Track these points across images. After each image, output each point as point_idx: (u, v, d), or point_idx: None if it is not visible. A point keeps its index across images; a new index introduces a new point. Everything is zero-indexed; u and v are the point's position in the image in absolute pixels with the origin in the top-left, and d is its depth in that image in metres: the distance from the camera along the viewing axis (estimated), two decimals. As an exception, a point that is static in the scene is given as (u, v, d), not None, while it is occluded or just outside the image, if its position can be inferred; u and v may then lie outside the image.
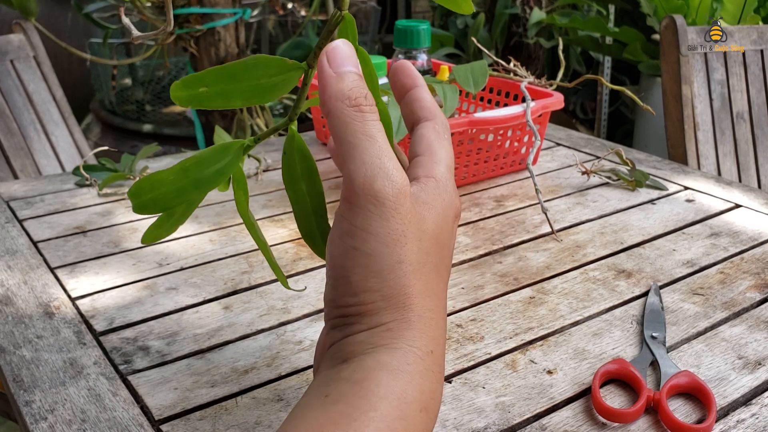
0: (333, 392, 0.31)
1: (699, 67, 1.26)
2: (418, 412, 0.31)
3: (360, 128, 0.33)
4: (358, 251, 0.32)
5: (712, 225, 0.69)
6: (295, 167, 0.39)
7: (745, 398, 0.45)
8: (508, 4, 2.72)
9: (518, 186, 0.80)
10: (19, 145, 1.21)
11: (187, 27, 1.74)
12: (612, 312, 0.55)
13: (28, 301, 0.56)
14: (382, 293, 0.32)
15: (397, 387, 0.31)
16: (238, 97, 0.37)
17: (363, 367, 0.32)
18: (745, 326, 0.52)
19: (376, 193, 0.32)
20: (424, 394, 0.32)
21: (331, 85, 0.33)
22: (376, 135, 0.33)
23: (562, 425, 0.43)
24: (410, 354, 0.32)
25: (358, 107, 0.33)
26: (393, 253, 0.32)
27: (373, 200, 0.32)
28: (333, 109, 0.33)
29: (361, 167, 0.32)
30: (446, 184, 0.36)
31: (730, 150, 1.29)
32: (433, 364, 0.33)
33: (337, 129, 0.33)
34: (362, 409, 0.30)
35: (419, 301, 0.33)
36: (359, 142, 0.33)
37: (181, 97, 0.36)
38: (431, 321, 0.34)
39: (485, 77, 0.74)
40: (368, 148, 0.32)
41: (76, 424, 0.42)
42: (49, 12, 2.74)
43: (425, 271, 0.34)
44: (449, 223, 0.36)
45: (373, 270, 0.32)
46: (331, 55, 0.34)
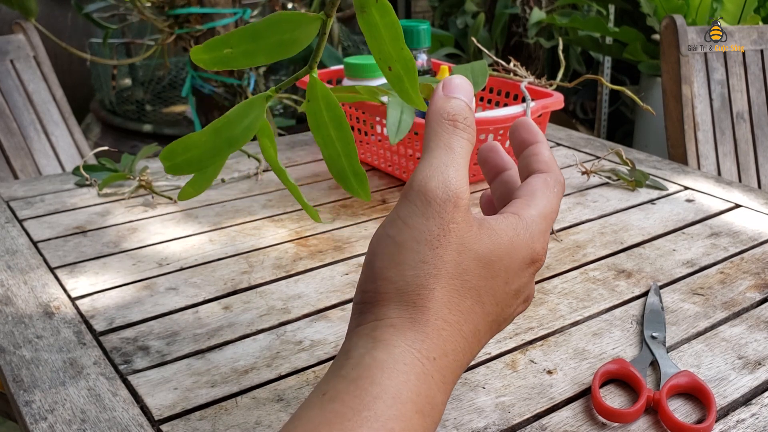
0: (330, 390, 0.31)
1: (699, 67, 1.26)
2: (413, 413, 0.31)
3: (445, 138, 0.35)
4: (391, 239, 0.33)
5: (712, 225, 0.69)
6: (322, 113, 0.40)
7: (745, 398, 0.45)
8: (508, 4, 2.72)
9: (518, 186, 0.79)
10: (19, 145, 1.21)
11: (187, 27, 1.74)
12: (612, 312, 0.55)
13: (28, 301, 0.56)
14: (398, 286, 0.33)
15: (392, 386, 0.31)
16: (262, 54, 0.38)
17: (360, 364, 0.32)
18: (745, 326, 0.52)
19: (426, 192, 0.33)
20: (420, 397, 0.31)
21: (437, 104, 0.36)
22: (455, 147, 0.34)
23: (562, 425, 0.43)
24: (408, 354, 0.32)
25: (453, 122, 0.35)
26: (421, 250, 0.33)
27: (422, 197, 0.33)
28: (430, 121, 0.35)
29: (426, 168, 0.34)
30: (531, 226, 0.36)
31: (730, 150, 1.29)
32: (434, 371, 0.33)
33: (428, 135, 0.35)
34: (356, 409, 0.30)
35: (435, 308, 0.33)
36: (437, 148, 0.34)
37: (204, 60, 0.38)
38: (443, 332, 0.33)
39: (485, 77, 0.74)
40: (441, 155, 0.34)
41: (75, 424, 0.42)
42: (49, 12, 2.74)
43: (455, 285, 0.33)
44: (516, 261, 0.35)
45: (396, 260, 0.33)
46: (446, 84, 0.36)
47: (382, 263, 0.33)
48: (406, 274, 0.33)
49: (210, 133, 0.39)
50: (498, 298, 0.35)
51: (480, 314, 0.35)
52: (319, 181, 0.81)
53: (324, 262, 0.62)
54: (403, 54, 0.38)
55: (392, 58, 0.38)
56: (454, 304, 0.33)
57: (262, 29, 0.37)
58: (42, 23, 1.40)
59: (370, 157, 0.84)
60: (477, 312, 0.34)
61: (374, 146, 0.83)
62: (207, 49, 0.37)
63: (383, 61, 0.38)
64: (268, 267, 0.62)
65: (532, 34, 2.64)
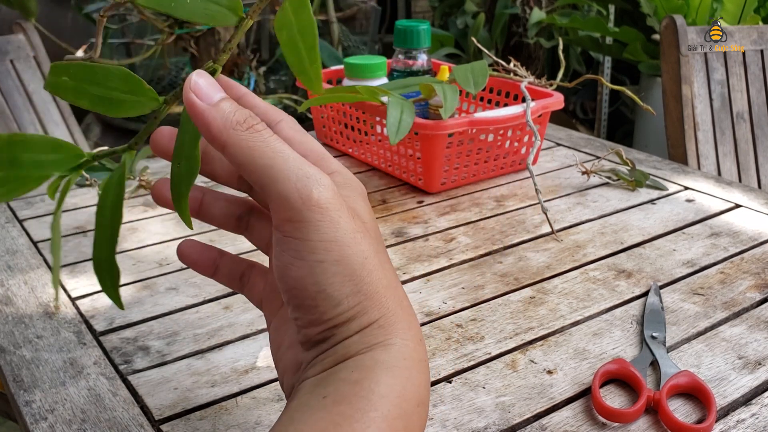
0: (332, 393, 0.31)
1: (699, 67, 1.26)
2: (415, 407, 0.31)
3: (267, 147, 0.31)
4: (326, 263, 0.31)
5: (712, 225, 0.69)
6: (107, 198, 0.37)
7: (745, 398, 0.45)
8: (508, 4, 2.72)
9: (518, 186, 0.80)
10: (19, 145, 1.21)
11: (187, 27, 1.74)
12: (612, 312, 0.55)
13: (28, 301, 0.56)
14: (363, 292, 0.32)
15: (397, 385, 0.31)
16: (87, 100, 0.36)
17: (361, 366, 0.31)
18: (745, 326, 0.52)
19: (317, 202, 0.31)
20: (420, 388, 0.32)
21: (215, 118, 0.31)
22: (283, 148, 0.32)
23: (562, 425, 0.43)
24: (404, 348, 0.32)
25: (251, 128, 0.32)
26: (357, 252, 0.32)
27: (318, 209, 0.31)
28: (229, 139, 0.31)
29: (289, 183, 0.31)
30: (344, 171, 0.36)
31: (730, 150, 1.29)
32: (423, 353, 0.34)
33: (242, 157, 0.31)
34: (363, 410, 0.30)
35: (393, 290, 0.33)
36: (273, 161, 0.31)
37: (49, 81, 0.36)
38: (408, 308, 0.34)
39: (485, 77, 0.74)
40: (285, 163, 0.31)
41: (76, 424, 0.42)
42: (49, 12, 2.74)
43: (382, 259, 0.34)
44: (366, 201, 0.36)
45: (346, 275, 0.31)
46: (197, 89, 0.32)
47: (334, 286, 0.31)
48: (362, 277, 0.32)
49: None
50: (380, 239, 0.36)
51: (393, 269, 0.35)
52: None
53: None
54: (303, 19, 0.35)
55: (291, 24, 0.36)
56: (391, 278, 0.34)
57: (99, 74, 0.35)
58: (42, 23, 1.40)
59: (370, 157, 0.84)
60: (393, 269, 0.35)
61: (374, 146, 0.83)
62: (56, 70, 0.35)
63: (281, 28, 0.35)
64: (268, 267, 0.62)
65: (532, 34, 2.64)
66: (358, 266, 0.32)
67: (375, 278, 0.32)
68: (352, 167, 0.85)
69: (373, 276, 0.32)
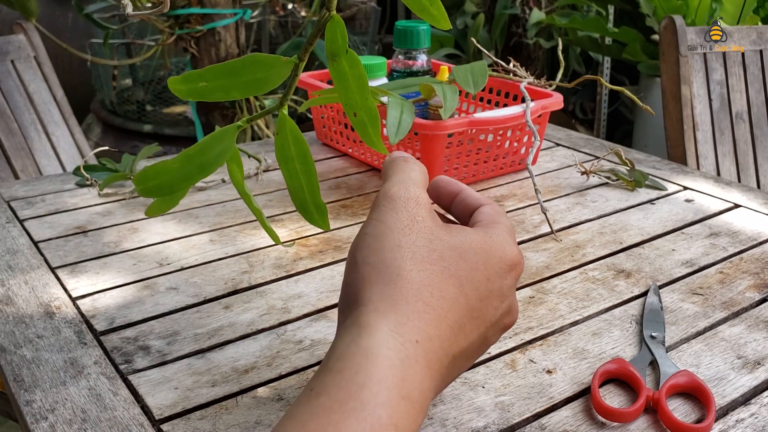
0: (317, 385, 0.31)
1: (698, 68, 1.26)
2: (400, 399, 0.31)
3: (399, 167, 0.41)
4: (368, 235, 0.37)
5: (712, 225, 0.70)
6: (289, 147, 0.43)
7: (744, 398, 0.45)
8: (507, 4, 2.72)
9: (518, 186, 0.80)
10: (19, 145, 1.21)
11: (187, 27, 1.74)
12: (611, 312, 0.55)
13: (28, 301, 0.56)
14: (378, 268, 0.35)
15: (377, 372, 0.31)
16: (236, 90, 0.42)
17: (345, 354, 0.32)
18: (744, 326, 0.53)
19: (391, 195, 0.38)
20: (405, 382, 0.32)
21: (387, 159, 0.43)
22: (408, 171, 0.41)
23: (561, 425, 0.43)
24: (391, 338, 0.32)
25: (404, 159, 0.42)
26: (395, 237, 0.36)
27: (388, 198, 0.38)
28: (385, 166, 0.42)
29: (389, 183, 0.40)
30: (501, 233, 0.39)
31: (729, 150, 1.29)
32: (418, 355, 0.33)
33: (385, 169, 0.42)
34: (342, 401, 0.30)
35: (414, 290, 0.35)
36: (394, 174, 0.40)
37: (181, 90, 0.41)
38: (425, 315, 0.34)
39: (485, 78, 0.74)
40: (399, 175, 0.40)
41: (76, 424, 0.42)
42: (50, 12, 2.74)
43: (432, 269, 0.36)
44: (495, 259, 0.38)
45: (375, 248, 0.36)
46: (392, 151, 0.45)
47: (362, 254, 0.37)
48: (385, 256, 0.36)
49: (182, 160, 0.42)
50: (480, 293, 0.37)
51: (464, 305, 0.36)
52: (320, 181, 0.81)
53: (324, 262, 0.63)
54: (368, 103, 0.43)
55: (358, 105, 0.43)
56: (435, 288, 0.35)
57: (237, 68, 0.41)
58: (42, 24, 1.41)
59: (371, 157, 0.84)
60: (461, 302, 0.36)
61: (374, 146, 0.83)
62: (184, 80, 0.41)
63: (350, 107, 0.43)
64: (268, 267, 0.62)
65: (532, 34, 2.64)
66: (388, 247, 0.36)
67: (397, 266, 0.35)
68: (352, 167, 0.85)
69: (397, 263, 0.35)
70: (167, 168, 0.42)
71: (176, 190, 0.43)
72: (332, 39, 0.41)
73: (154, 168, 0.42)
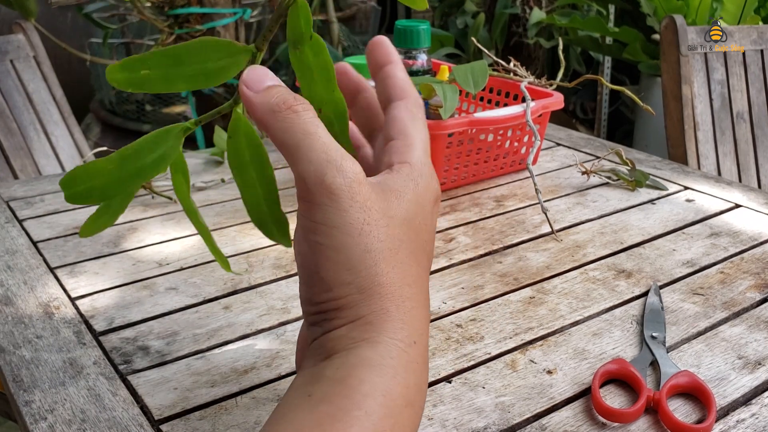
0: (316, 392, 0.30)
1: (699, 67, 1.26)
2: (403, 407, 0.31)
3: (299, 128, 0.32)
4: (324, 246, 0.32)
5: (712, 225, 0.69)
6: (243, 152, 0.37)
7: (745, 398, 0.45)
8: (508, 4, 2.72)
9: (518, 186, 0.80)
10: (18, 145, 1.21)
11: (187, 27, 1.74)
12: (612, 312, 0.55)
13: (27, 301, 0.56)
14: (356, 285, 0.32)
15: (382, 383, 0.30)
16: (182, 81, 0.36)
17: (346, 364, 0.31)
18: (745, 326, 0.52)
19: (329, 187, 0.32)
20: (409, 389, 0.31)
21: (259, 103, 0.33)
22: (316, 131, 0.32)
23: (562, 425, 0.43)
24: (392, 347, 0.32)
25: (289, 108, 0.33)
26: (359, 243, 0.32)
27: (328, 194, 0.32)
28: (269, 122, 0.33)
29: (309, 165, 0.32)
30: (422, 168, 0.35)
31: (730, 150, 1.29)
32: (417, 356, 0.33)
33: (278, 138, 0.33)
34: (346, 409, 0.29)
35: (396, 290, 0.33)
36: (301, 141, 0.32)
37: (118, 80, 0.35)
38: (412, 310, 0.33)
39: (485, 77, 0.74)
40: (312, 145, 0.32)
41: (75, 424, 0.42)
42: (49, 12, 2.73)
43: (399, 258, 0.33)
44: (426, 208, 0.35)
45: (342, 263, 0.32)
46: (248, 80, 0.34)
47: (329, 271, 0.32)
48: (358, 269, 0.32)
49: (116, 161, 0.36)
50: (426, 248, 0.36)
51: (423, 274, 0.35)
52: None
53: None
54: (335, 96, 0.36)
55: (323, 100, 0.37)
56: (406, 278, 0.33)
57: (184, 54, 0.35)
58: (42, 23, 1.40)
59: (370, 157, 0.84)
60: (421, 274, 0.35)
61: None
62: (123, 68, 0.35)
63: (314, 102, 0.36)
64: (267, 267, 0.62)
65: (532, 34, 2.64)
66: (356, 258, 0.32)
67: (374, 274, 0.32)
68: (351, 167, 0.85)
69: (372, 271, 0.32)
70: (99, 169, 0.36)
71: (109, 197, 0.37)
72: (294, 26, 0.35)
73: (85, 169, 0.36)
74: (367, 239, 0.32)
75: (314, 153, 0.32)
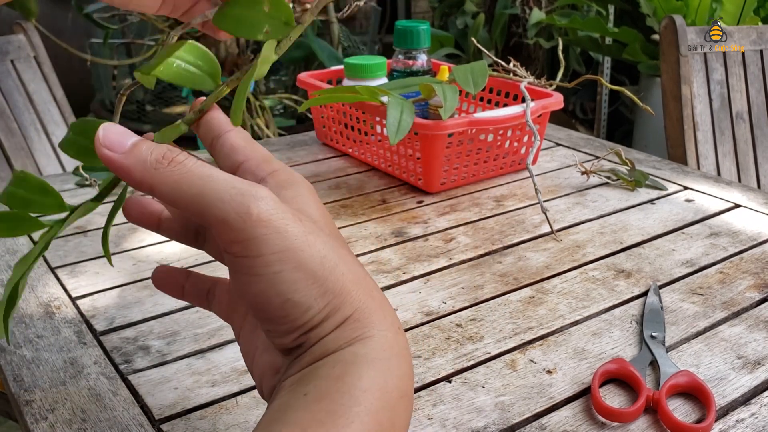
0: (312, 390, 0.30)
1: (698, 68, 1.26)
2: (399, 399, 0.31)
3: (193, 175, 0.31)
4: (284, 272, 0.31)
5: (712, 225, 0.70)
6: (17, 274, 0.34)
7: (744, 398, 0.45)
8: (507, 4, 2.72)
9: (518, 186, 0.80)
10: (19, 145, 1.21)
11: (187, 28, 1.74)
12: (611, 312, 0.55)
13: (28, 301, 0.56)
14: (331, 291, 0.32)
15: (379, 377, 0.31)
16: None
17: (341, 361, 0.31)
18: (744, 326, 0.53)
19: (258, 216, 0.30)
20: (402, 380, 0.32)
21: (133, 164, 0.31)
22: (210, 172, 0.31)
23: (561, 425, 0.43)
24: (383, 339, 0.32)
25: (172, 161, 0.31)
26: (313, 253, 0.31)
27: (260, 223, 0.30)
28: (154, 179, 0.31)
29: (224, 205, 0.30)
30: (287, 169, 0.35)
31: (730, 150, 1.29)
32: (404, 343, 0.33)
33: (172, 192, 0.31)
34: (346, 405, 0.29)
35: (362, 283, 0.33)
36: (202, 187, 0.30)
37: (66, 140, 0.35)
38: (381, 298, 0.34)
39: (485, 77, 0.74)
40: (215, 186, 0.30)
41: (76, 424, 0.42)
42: (50, 12, 2.74)
43: (343, 253, 0.33)
44: (317, 197, 0.35)
45: (308, 278, 0.31)
46: (107, 142, 0.32)
47: (300, 292, 0.31)
48: (325, 278, 0.31)
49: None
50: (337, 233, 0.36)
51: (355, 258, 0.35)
52: (320, 181, 0.81)
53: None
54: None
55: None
56: (359, 269, 0.33)
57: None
58: (42, 24, 1.40)
59: (371, 157, 0.84)
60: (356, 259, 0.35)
61: (374, 146, 0.83)
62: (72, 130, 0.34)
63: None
64: (268, 267, 0.62)
65: (532, 34, 2.64)
66: (317, 267, 0.31)
67: (339, 274, 0.32)
68: (351, 167, 0.85)
69: (336, 272, 0.32)
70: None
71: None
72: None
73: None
74: (317, 247, 0.31)
75: (223, 192, 0.30)
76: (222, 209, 0.30)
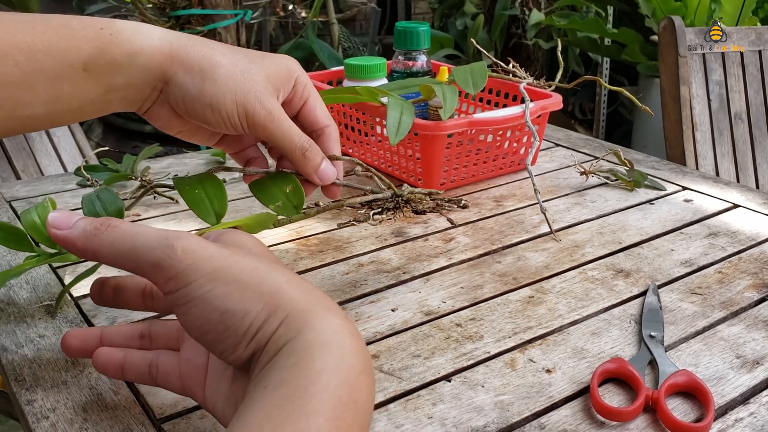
0: (271, 381, 0.31)
1: (697, 68, 1.26)
2: (358, 375, 0.32)
3: (125, 234, 0.35)
4: (216, 287, 0.34)
5: (710, 225, 0.70)
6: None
7: (743, 397, 0.45)
8: (507, 5, 2.73)
9: (517, 186, 0.80)
10: (21, 146, 1.21)
11: (188, 28, 1.74)
12: (610, 311, 0.55)
13: (29, 301, 0.56)
14: (266, 293, 0.34)
15: (332, 357, 0.32)
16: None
17: (295, 351, 0.32)
18: (743, 326, 0.53)
19: (183, 250, 0.34)
20: (357, 357, 0.33)
21: (77, 236, 0.36)
22: (141, 229, 0.35)
23: (560, 424, 0.43)
24: (332, 322, 0.33)
25: (109, 227, 0.36)
26: (242, 267, 0.35)
27: (185, 255, 0.34)
28: (94, 245, 0.36)
29: (154, 250, 0.34)
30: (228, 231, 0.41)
31: (728, 150, 1.30)
32: (353, 326, 0.34)
33: (110, 253, 0.35)
34: (303, 387, 0.30)
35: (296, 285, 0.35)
36: (133, 241, 0.35)
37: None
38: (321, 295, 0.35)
39: (484, 78, 0.74)
40: (145, 238, 0.35)
41: (77, 423, 0.43)
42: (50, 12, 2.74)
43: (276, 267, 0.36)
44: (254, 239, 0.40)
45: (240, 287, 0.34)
46: (55, 223, 0.37)
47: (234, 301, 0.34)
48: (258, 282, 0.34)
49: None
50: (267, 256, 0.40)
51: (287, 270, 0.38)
52: (319, 181, 0.81)
53: (324, 261, 0.63)
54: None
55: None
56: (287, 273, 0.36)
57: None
58: (42, 24, 1.40)
59: (370, 157, 0.85)
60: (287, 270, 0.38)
61: (374, 146, 0.83)
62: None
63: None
64: (268, 267, 0.62)
65: (531, 35, 2.65)
66: (248, 277, 0.34)
67: (272, 278, 0.35)
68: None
69: (269, 278, 0.35)
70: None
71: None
72: None
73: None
74: (244, 261, 0.35)
75: (152, 240, 0.35)
76: (152, 254, 0.34)
